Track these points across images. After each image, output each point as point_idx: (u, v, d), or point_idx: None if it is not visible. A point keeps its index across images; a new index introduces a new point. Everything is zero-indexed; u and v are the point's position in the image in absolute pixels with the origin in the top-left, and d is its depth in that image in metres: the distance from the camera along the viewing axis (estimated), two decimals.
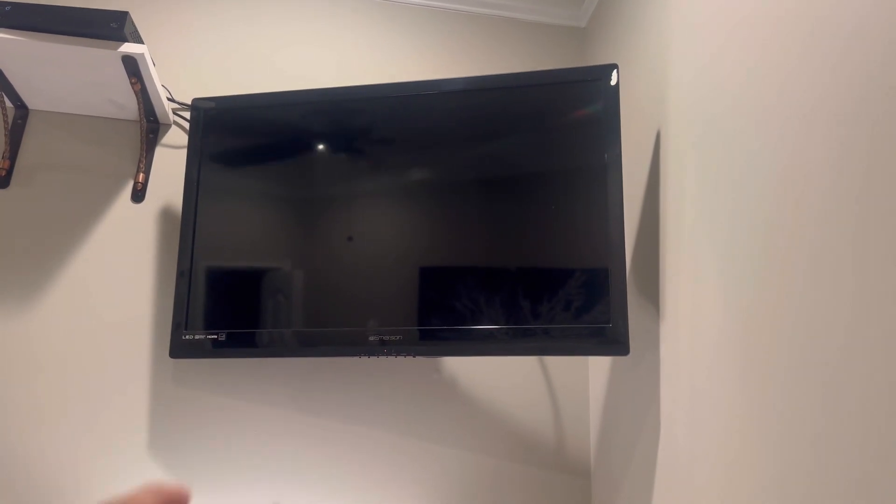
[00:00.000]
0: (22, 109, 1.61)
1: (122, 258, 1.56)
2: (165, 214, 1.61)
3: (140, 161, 1.61)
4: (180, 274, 1.42)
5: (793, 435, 0.88)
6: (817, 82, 0.89)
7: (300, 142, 1.48)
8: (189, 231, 1.44)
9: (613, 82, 1.33)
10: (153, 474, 1.46)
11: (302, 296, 1.39)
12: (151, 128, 1.65)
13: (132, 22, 1.43)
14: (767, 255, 0.97)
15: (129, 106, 1.59)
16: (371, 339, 1.32)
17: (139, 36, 1.47)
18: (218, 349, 1.37)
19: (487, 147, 1.39)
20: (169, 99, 1.66)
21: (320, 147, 1.47)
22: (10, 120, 1.57)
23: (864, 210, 0.78)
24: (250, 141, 1.49)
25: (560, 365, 1.69)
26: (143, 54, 1.41)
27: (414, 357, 1.54)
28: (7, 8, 1.38)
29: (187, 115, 1.65)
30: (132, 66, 1.43)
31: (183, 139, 1.67)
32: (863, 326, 0.77)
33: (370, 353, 1.32)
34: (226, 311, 1.40)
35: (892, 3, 0.77)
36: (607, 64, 1.35)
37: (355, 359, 1.59)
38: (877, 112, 0.77)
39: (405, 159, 1.43)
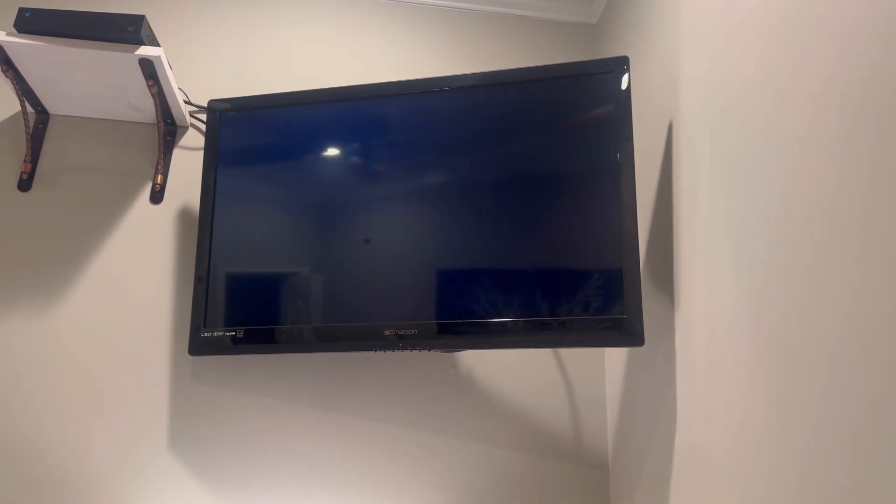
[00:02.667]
0: (43, 114, 1.64)
1: (142, 258, 1.59)
2: (183, 215, 1.63)
3: (158, 163, 1.64)
4: (198, 280, 1.44)
5: (808, 422, 0.88)
6: (825, 70, 0.89)
7: (315, 142, 1.49)
8: (206, 235, 1.46)
9: (625, 75, 1.33)
10: (173, 471, 1.48)
11: (320, 295, 1.41)
12: (169, 130, 1.68)
13: (148, 25, 1.46)
14: (780, 243, 0.96)
15: (146, 109, 1.62)
16: (387, 333, 1.33)
17: (155, 39, 1.49)
18: (237, 345, 1.39)
19: (501, 147, 1.40)
20: (185, 101, 1.68)
21: (335, 147, 1.48)
22: (31, 125, 1.60)
23: (872, 198, 0.78)
24: (266, 142, 1.51)
25: (576, 358, 1.69)
26: (159, 57, 1.44)
27: (429, 351, 1.54)
28: (27, 14, 1.41)
29: (204, 117, 1.67)
30: (149, 69, 1.46)
31: (200, 141, 1.69)
32: (874, 313, 0.77)
33: (386, 348, 1.33)
34: (244, 310, 1.42)
35: None
36: (618, 56, 1.35)
37: (372, 355, 1.61)
38: (882, 100, 0.77)
39: (420, 159, 1.44)
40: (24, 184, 1.59)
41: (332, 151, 1.48)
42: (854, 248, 0.82)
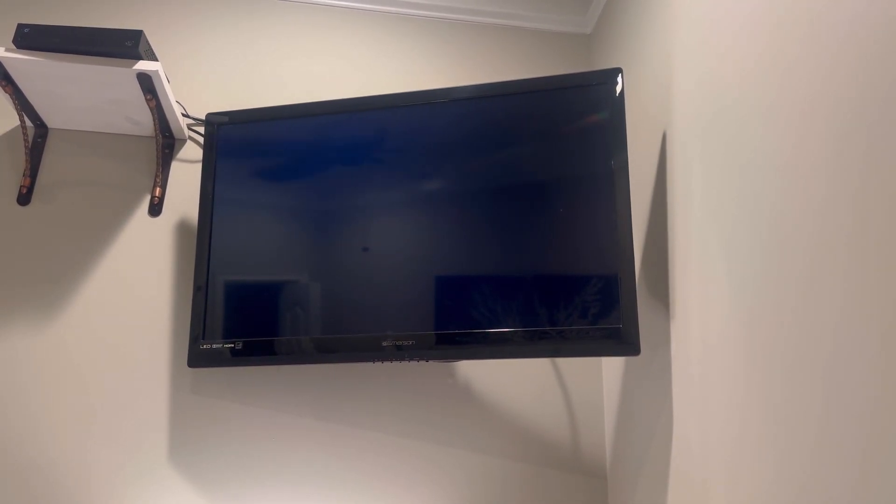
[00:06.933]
0: (41, 128, 1.65)
1: (141, 270, 1.60)
2: (182, 227, 1.64)
3: (156, 176, 1.64)
4: (197, 289, 1.45)
5: (803, 430, 0.89)
6: (817, 80, 0.90)
7: (312, 153, 1.50)
8: (205, 246, 1.47)
9: (618, 86, 1.34)
10: (172, 482, 1.48)
11: (318, 305, 1.41)
12: (167, 143, 1.69)
13: (146, 40, 1.47)
14: (773, 251, 0.97)
15: (144, 122, 1.63)
16: (385, 344, 1.34)
17: (153, 53, 1.50)
18: (235, 357, 1.40)
19: (497, 156, 1.41)
20: (183, 114, 1.69)
21: (333, 158, 1.49)
22: (30, 139, 1.61)
23: (864, 205, 0.79)
24: (264, 154, 1.52)
25: (573, 367, 1.70)
26: (157, 71, 1.45)
27: (427, 361, 1.55)
28: (26, 30, 1.42)
29: (202, 129, 1.68)
30: (147, 83, 1.47)
31: (198, 153, 1.70)
32: (869, 319, 0.78)
33: (384, 359, 1.34)
34: (243, 321, 1.42)
35: (887, 1, 0.78)
36: (612, 68, 1.37)
37: (371, 365, 1.61)
38: (874, 108, 0.78)
39: (418, 169, 1.45)
40: (24, 198, 1.59)
41: (329, 162, 1.49)
42: (847, 256, 0.82)
